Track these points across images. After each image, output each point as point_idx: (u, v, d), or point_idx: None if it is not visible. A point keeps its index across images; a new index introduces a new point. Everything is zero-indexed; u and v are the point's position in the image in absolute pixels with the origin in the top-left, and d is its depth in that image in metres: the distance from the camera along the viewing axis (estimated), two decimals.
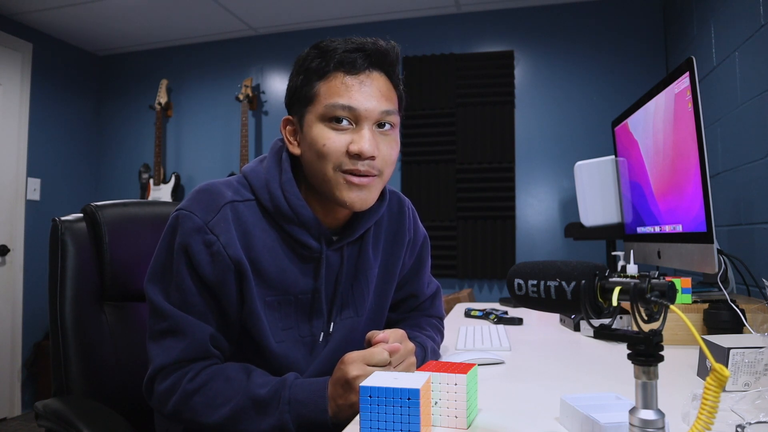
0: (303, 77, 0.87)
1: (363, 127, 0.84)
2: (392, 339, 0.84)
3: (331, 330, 0.94)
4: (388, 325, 1.09)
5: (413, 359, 0.87)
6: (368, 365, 0.77)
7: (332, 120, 0.84)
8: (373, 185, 0.87)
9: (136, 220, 1.14)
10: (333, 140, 0.84)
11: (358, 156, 0.83)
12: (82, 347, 1.02)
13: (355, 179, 0.84)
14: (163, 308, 0.84)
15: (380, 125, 0.86)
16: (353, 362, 0.77)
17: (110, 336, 1.07)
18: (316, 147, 0.85)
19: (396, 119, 0.89)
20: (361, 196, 0.86)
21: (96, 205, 1.09)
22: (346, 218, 0.95)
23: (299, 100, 0.88)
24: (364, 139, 0.83)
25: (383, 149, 0.86)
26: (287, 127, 0.92)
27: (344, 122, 0.84)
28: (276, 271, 0.87)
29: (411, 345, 0.88)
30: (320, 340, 0.93)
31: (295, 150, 0.90)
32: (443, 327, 1.18)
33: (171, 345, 0.83)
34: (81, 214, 1.09)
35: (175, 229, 0.85)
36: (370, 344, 0.84)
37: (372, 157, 0.84)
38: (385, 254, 1.02)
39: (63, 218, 1.06)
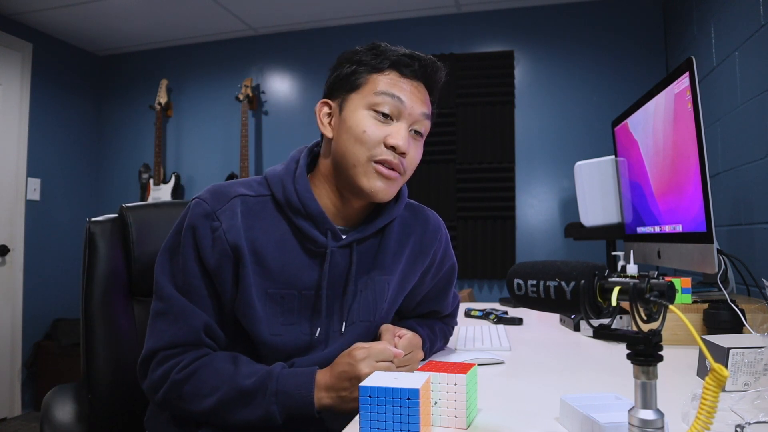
0: (354, 67, 0.91)
1: (402, 123, 0.89)
2: (405, 345, 0.90)
3: (334, 331, 0.93)
4: (400, 318, 1.13)
5: (415, 366, 0.91)
6: (377, 362, 0.80)
7: (377, 110, 0.88)
8: (397, 181, 0.91)
9: (161, 220, 1.20)
10: (373, 129, 0.88)
11: (393, 148, 0.88)
12: (110, 338, 1.07)
13: (385, 170, 0.88)
14: (164, 289, 0.87)
15: (415, 130, 0.91)
16: (363, 360, 0.79)
17: (137, 329, 1.12)
18: (355, 132, 0.88)
19: (427, 127, 0.94)
20: (385, 187, 0.89)
21: (127, 206, 1.16)
22: (358, 217, 0.97)
23: (344, 86, 0.92)
24: (401, 135, 0.88)
25: (411, 151, 0.91)
26: (323, 109, 0.95)
27: (387, 115, 0.88)
28: (280, 263, 0.89)
29: (420, 354, 0.93)
30: (321, 337, 0.92)
31: (328, 132, 0.93)
32: (451, 334, 1.19)
33: (163, 328, 0.85)
34: (114, 215, 1.16)
35: (187, 213, 0.89)
36: (380, 337, 0.92)
37: (404, 153, 0.88)
38: (406, 266, 1.02)
39: (94, 219, 1.12)
